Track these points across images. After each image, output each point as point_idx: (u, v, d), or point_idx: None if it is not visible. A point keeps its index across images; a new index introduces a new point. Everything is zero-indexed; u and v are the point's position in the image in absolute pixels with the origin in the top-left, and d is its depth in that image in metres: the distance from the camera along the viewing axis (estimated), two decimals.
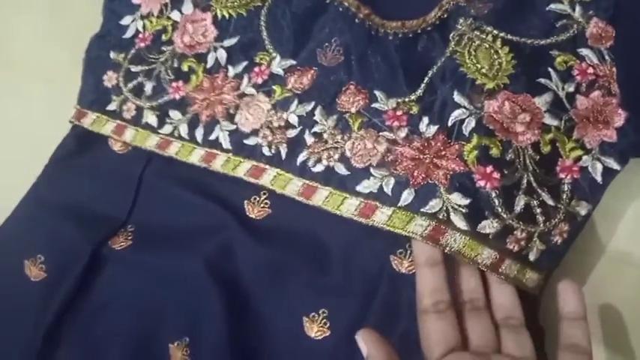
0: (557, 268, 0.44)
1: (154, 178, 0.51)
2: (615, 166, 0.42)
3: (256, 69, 0.49)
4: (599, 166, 0.42)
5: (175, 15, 0.52)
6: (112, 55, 0.53)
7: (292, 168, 0.45)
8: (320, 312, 0.43)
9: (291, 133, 0.46)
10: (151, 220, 0.50)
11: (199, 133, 0.49)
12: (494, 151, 0.41)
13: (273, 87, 0.48)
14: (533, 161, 0.41)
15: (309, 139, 0.45)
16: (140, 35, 0.53)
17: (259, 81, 0.48)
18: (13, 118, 0.59)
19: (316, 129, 0.45)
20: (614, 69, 0.42)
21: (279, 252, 0.45)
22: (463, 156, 0.41)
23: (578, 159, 0.42)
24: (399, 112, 0.44)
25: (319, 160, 0.45)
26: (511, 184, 0.41)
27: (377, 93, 0.45)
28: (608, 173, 0.42)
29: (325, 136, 0.45)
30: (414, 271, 0.41)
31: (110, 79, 0.53)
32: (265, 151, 0.47)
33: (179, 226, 0.49)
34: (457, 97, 0.42)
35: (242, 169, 0.47)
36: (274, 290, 0.45)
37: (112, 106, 0.52)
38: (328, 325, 0.43)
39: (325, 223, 0.44)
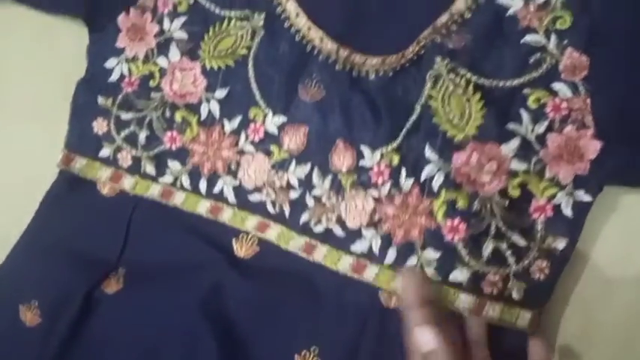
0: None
1: (143, 220, 0.52)
2: (588, 198, 0.43)
3: (252, 125, 0.50)
4: (572, 201, 0.43)
5: (162, 61, 0.52)
6: (100, 100, 0.53)
7: (295, 226, 0.48)
8: (311, 350, 0.46)
9: (293, 195, 0.48)
10: (141, 261, 0.51)
11: (203, 186, 0.51)
12: (461, 204, 0.44)
13: (271, 147, 0.49)
14: (502, 207, 0.44)
15: (309, 202, 0.48)
16: (126, 79, 0.53)
17: (256, 139, 0.50)
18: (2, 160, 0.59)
19: (315, 192, 0.48)
20: (588, 100, 0.43)
21: (269, 290, 0.48)
22: (433, 212, 0.44)
23: (553, 197, 0.43)
24: (382, 166, 0.46)
25: (319, 221, 0.47)
26: (478, 233, 0.44)
27: (363, 148, 0.47)
28: (582, 206, 0.43)
29: (324, 199, 0.47)
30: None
31: (100, 126, 0.53)
32: (270, 208, 0.49)
33: (169, 267, 0.50)
34: (428, 152, 0.45)
35: (250, 223, 0.49)
36: (266, 328, 0.47)
37: (104, 153, 0.53)
38: None
39: (314, 261, 0.47)
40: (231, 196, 0.50)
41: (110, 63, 0.54)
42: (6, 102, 0.59)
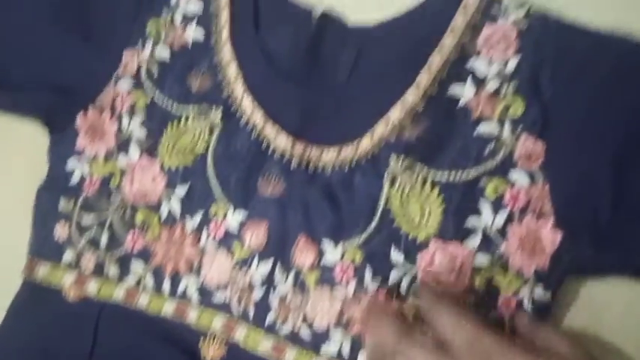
0: None
1: (109, 325, 0.51)
2: (546, 296, 0.43)
3: (213, 223, 0.49)
4: (532, 298, 0.43)
5: (122, 160, 0.52)
6: (61, 203, 0.52)
7: (261, 326, 0.47)
8: None
9: (257, 295, 0.48)
10: None
11: (167, 286, 0.50)
12: None
13: (233, 245, 0.49)
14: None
15: (273, 302, 0.47)
16: (87, 181, 0.52)
17: (217, 237, 0.49)
18: None
19: (279, 291, 0.47)
20: (546, 187, 0.43)
21: None
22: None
23: (517, 291, 0.43)
24: (346, 263, 0.46)
25: (285, 321, 0.47)
26: None
27: (325, 243, 0.47)
28: (541, 304, 0.43)
29: (288, 299, 0.47)
30: None
31: (62, 231, 0.52)
32: (234, 307, 0.48)
33: None
34: (394, 256, 0.45)
35: (216, 324, 0.48)
36: None
37: (67, 257, 0.52)
38: None
39: None
40: (195, 296, 0.49)
41: (71, 165, 0.53)
42: None
